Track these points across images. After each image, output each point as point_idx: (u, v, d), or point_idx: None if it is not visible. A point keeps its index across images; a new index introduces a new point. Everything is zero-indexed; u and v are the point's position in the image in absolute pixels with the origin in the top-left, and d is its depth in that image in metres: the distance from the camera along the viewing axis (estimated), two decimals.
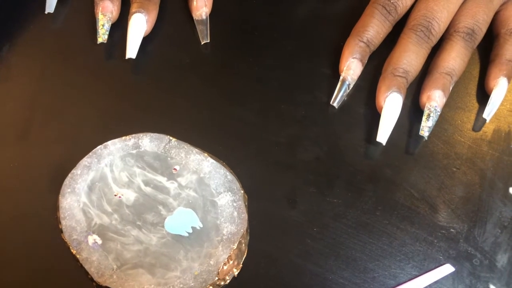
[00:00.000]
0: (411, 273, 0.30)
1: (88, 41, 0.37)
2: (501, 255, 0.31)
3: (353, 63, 0.35)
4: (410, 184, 0.33)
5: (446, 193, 0.33)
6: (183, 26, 0.38)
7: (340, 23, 0.38)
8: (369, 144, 0.34)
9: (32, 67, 0.37)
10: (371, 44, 0.35)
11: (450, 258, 0.31)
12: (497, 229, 0.32)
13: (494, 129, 0.35)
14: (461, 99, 0.36)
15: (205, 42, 0.37)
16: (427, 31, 0.34)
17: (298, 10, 0.39)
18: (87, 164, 0.32)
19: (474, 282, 0.30)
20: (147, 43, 0.37)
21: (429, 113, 0.33)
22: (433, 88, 0.33)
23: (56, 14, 0.38)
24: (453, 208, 0.32)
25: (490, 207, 0.32)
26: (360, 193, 0.33)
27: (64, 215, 0.30)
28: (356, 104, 0.35)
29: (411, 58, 0.34)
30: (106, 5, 0.36)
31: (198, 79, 0.36)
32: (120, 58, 0.36)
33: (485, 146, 0.34)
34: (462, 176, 0.33)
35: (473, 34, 0.35)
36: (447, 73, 0.34)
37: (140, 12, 0.35)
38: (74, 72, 0.36)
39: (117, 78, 0.36)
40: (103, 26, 0.36)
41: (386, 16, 0.35)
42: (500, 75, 0.34)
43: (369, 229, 0.31)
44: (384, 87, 0.33)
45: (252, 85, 0.36)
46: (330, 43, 0.37)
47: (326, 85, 0.36)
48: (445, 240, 0.31)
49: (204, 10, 0.37)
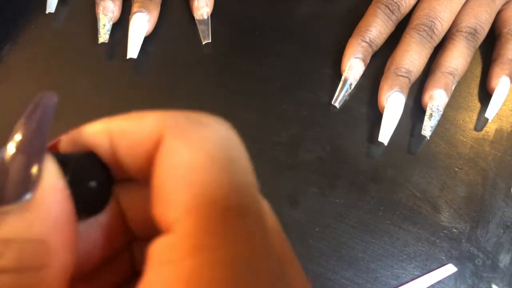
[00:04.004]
0: (414, 273, 0.30)
1: (89, 41, 0.37)
2: (503, 255, 0.31)
3: (355, 63, 0.34)
4: (412, 184, 0.33)
5: (448, 193, 0.33)
6: (185, 26, 0.38)
7: (342, 23, 0.38)
8: (371, 144, 0.34)
9: (32, 67, 0.37)
10: (374, 44, 0.35)
11: (452, 258, 0.31)
12: (499, 229, 0.32)
13: (496, 128, 0.35)
14: (463, 98, 0.36)
15: (206, 42, 0.37)
16: (430, 30, 0.34)
17: (299, 10, 0.39)
18: None
19: (476, 282, 0.30)
20: (149, 43, 0.37)
21: (431, 112, 0.33)
22: (435, 88, 0.33)
23: (57, 14, 0.38)
24: (455, 208, 0.32)
25: (492, 207, 0.32)
26: (362, 193, 0.32)
27: None
28: (358, 104, 0.35)
29: (413, 58, 0.34)
30: (107, 5, 0.36)
31: (199, 79, 0.36)
32: (122, 58, 0.36)
33: (487, 146, 0.34)
34: (464, 176, 0.33)
35: (475, 34, 0.34)
36: (449, 73, 0.34)
37: (142, 11, 0.35)
38: (75, 72, 0.36)
39: (118, 78, 0.36)
40: (104, 26, 0.36)
41: (389, 16, 0.35)
42: (502, 74, 0.34)
43: (371, 229, 0.31)
44: (386, 87, 0.33)
45: (253, 85, 0.36)
46: (332, 42, 0.37)
47: (328, 85, 0.36)
48: (447, 240, 0.31)
49: (206, 9, 0.37)
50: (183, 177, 0.11)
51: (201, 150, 0.11)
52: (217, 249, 0.10)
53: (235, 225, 0.11)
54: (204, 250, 0.10)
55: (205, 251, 0.10)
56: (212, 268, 0.10)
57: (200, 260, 0.10)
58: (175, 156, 0.11)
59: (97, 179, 0.13)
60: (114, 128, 0.13)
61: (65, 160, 0.12)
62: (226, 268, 0.10)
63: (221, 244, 0.10)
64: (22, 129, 0.11)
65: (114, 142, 0.13)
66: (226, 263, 0.10)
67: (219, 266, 0.10)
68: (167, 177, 0.11)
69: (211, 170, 0.11)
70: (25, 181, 0.10)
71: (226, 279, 0.10)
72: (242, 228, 0.11)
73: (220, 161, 0.11)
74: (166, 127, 0.12)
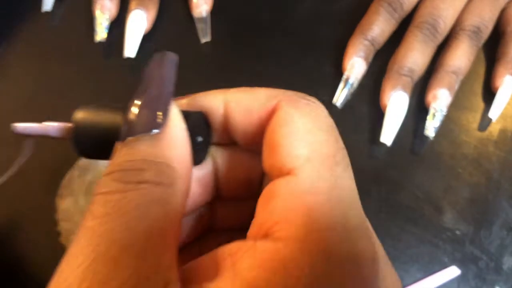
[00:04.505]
0: (416, 276, 0.30)
1: (86, 39, 0.36)
2: (507, 258, 0.31)
3: (357, 62, 0.34)
4: (415, 185, 0.32)
5: (452, 194, 0.32)
6: (183, 24, 0.38)
7: (344, 21, 0.37)
8: (374, 144, 0.34)
9: (29, 66, 0.36)
10: (376, 43, 0.34)
11: (455, 261, 0.30)
12: (503, 231, 0.31)
13: (500, 129, 0.35)
14: (466, 98, 0.35)
15: (205, 41, 0.37)
16: (433, 29, 0.33)
17: (300, 8, 0.39)
18: (85, 165, 0.31)
19: (480, 285, 0.30)
20: (146, 41, 0.36)
21: (434, 112, 0.33)
22: (438, 87, 0.33)
23: (54, 12, 0.38)
24: (458, 209, 0.32)
25: (496, 208, 0.32)
26: (364, 194, 0.32)
27: (62, 216, 0.30)
28: (360, 104, 0.35)
29: (416, 57, 0.33)
30: (105, 3, 0.35)
31: (198, 78, 0.36)
32: (119, 56, 0.36)
33: (491, 147, 0.34)
34: (468, 177, 0.33)
35: (479, 33, 0.34)
36: (453, 72, 0.33)
37: (140, 9, 0.35)
38: (72, 71, 0.36)
39: (115, 76, 0.36)
40: (102, 24, 0.35)
41: (392, 14, 0.34)
42: (506, 73, 0.34)
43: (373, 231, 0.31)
44: (389, 86, 0.33)
45: (253, 84, 0.36)
46: (333, 41, 0.37)
47: (329, 84, 0.35)
48: (450, 242, 0.31)
49: (204, 7, 0.36)
50: (302, 137, 0.15)
51: (314, 120, 0.15)
52: (328, 191, 0.14)
53: (341, 174, 0.14)
54: (319, 191, 0.14)
55: (320, 193, 0.14)
56: (325, 203, 0.13)
57: (317, 197, 0.14)
58: (293, 122, 0.15)
59: (203, 135, 0.16)
60: (230, 96, 0.17)
61: (184, 114, 0.15)
62: (336, 203, 0.14)
63: (332, 186, 0.14)
64: (149, 81, 0.15)
65: (229, 108, 0.16)
66: (336, 201, 0.14)
67: (330, 202, 0.13)
68: (287, 137, 0.15)
69: (322, 134, 0.15)
70: (152, 120, 0.14)
71: (334, 213, 0.13)
72: (345, 177, 0.15)
73: (327, 128, 0.15)
74: (281, 99, 0.16)
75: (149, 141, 0.13)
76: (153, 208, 0.13)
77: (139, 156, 0.13)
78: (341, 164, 0.15)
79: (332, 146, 0.15)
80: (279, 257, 0.12)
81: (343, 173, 0.14)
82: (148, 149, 0.13)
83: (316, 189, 0.14)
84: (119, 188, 0.13)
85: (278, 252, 0.12)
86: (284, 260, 0.12)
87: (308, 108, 0.16)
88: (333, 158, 0.15)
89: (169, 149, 0.14)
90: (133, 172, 0.13)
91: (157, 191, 0.13)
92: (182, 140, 0.14)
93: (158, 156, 0.13)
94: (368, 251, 0.14)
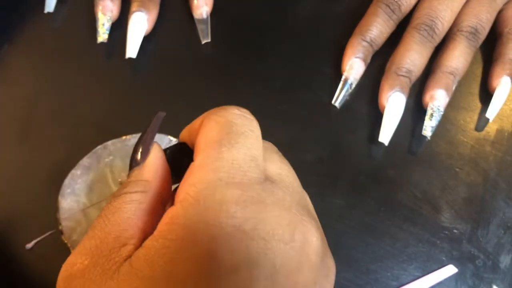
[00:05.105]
0: (414, 274, 0.30)
1: (88, 41, 0.37)
2: (504, 256, 0.31)
3: (355, 63, 0.34)
4: (413, 184, 0.33)
5: (449, 193, 0.33)
6: (184, 26, 0.38)
7: (343, 22, 0.38)
8: (372, 144, 0.34)
9: (31, 67, 0.36)
10: (374, 44, 0.35)
11: (453, 259, 0.31)
12: (500, 230, 0.32)
13: (497, 129, 0.35)
14: (464, 98, 0.36)
15: (205, 42, 0.37)
16: (430, 30, 0.34)
17: (300, 9, 0.39)
18: (87, 164, 0.32)
19: (477, 283, 0.30)
20: (148, 42, 0.36)
21: (432, 112, 0.33)
22: (436, 88, 0.33)
23: (56, 13, 0.38)
24: (456, 208, 0.32)
25: (493, 207, 0.32)
26: (363, 194, 0.32)
27: (64, 215, 0.30)
28: (358, 104, 0.35)
29: (414, 58, 0.33)
30: (106, 4, 0.36)
31: (198, 79, 0.36)
32: (121, 57, 0.36)
33: (488, 146, 0.34)
34: (465, 177, 0.33)
35: (476, 33, 0.34)
36: (450, 73, 0.33)
37: (141, 11, 0.35)
38: (74, 72, 0.36)
39: (117, 77, 0.36)
40: (103, 25, 0.36)
41: (390, 15, 0.35)
42: (503, 74, 0.34)
43: (372, 230, 0.31)
44: (387, 87, 0.33)
45: (253, 85, 0.36)
46: (332, 42, 0.37)
47: (328, 85, 0.36)
48: (448, 241, 0.31)
49: (205, 9, 0.37)
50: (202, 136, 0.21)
51: (216, 123, 0.21)
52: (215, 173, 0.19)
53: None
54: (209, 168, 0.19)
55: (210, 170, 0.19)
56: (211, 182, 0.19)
57: (207, 175, 0.19)
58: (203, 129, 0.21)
59: (181, 161, 0.22)
60: (189, 127, 0.23)
61: (169, 147, 0.23)
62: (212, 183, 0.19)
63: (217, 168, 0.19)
64: (145, 136, 0.22)
65: (192, 136, 0.22)
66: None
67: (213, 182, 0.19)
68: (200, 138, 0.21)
69: (217, 132, 0.20)
70: (139, 158, 0.21)
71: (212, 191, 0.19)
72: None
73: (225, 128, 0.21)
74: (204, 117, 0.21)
75: (137, 169, 0.21)
76: (127, 205, 0.20)
77: (130, 178, 0.21)
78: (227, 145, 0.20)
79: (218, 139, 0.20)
80: (172, 214, 0.19)
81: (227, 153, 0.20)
82: (136, 172, 0.21)
83: (207, 168, 0.19)
84: (115, 195, 0.21)
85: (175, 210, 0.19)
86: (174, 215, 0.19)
87: (215, 114, 0.22)
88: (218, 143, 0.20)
89: (147, 172, 0.21)
90: (125, 186, 0.21)
91: (134, 196, 0.20)
92: (157, 166, 0.21)
93: (139, 176, 0.21)
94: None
